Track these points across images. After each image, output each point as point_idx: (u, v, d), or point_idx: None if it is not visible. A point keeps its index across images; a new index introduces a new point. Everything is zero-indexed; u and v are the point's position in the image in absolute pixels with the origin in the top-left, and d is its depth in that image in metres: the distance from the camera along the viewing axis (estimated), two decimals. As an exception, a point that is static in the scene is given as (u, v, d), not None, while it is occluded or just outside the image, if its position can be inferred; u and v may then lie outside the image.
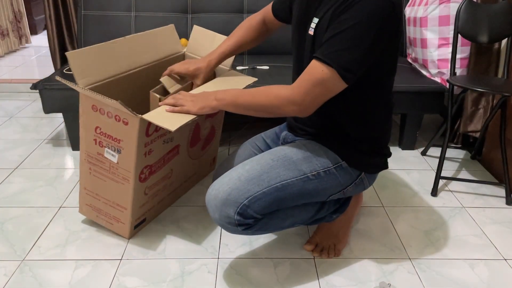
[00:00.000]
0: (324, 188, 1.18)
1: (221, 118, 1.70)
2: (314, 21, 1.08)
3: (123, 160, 1.25)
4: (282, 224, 1.20)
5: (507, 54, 1.80)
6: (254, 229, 1.12)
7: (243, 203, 1.07)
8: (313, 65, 1.01)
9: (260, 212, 1.10)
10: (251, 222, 1.10)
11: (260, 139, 1.41)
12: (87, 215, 1.44)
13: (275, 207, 1.13)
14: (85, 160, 1.34)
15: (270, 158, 1.15)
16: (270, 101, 1.07)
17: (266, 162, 1.14)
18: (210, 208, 1.10)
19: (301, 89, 1.02)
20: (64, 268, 1.26)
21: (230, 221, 1.08)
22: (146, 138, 1.24)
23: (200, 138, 1.58)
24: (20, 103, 2.59)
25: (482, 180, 1.81)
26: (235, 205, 1.07)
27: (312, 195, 1.17)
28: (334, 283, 1.23)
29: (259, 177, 1.10)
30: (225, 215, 1.08)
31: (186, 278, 1.23)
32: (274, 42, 2.27)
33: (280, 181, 1.11)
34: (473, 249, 1.39)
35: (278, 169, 1.12)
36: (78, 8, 2.28)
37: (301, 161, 1.15)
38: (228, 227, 1.10)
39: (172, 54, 1.63)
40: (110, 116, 1.22)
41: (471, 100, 1.96)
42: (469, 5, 1.83)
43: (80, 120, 1.30)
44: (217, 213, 1.09)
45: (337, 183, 1.19)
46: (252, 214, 1.09)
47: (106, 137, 1.26)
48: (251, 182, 1.09)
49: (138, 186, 1.30)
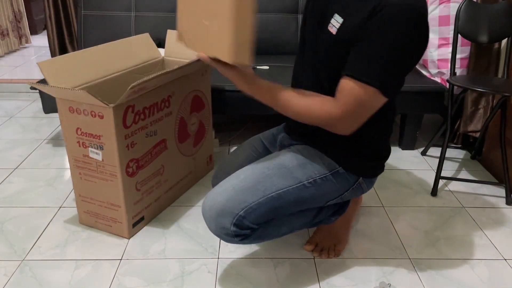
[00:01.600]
0: (321, 195, 1.16)
1: (209, 114, 1.72)
2: (336, 19, 1.00)
3: (107, 156, 1.27)
4: (280, 231, 1.20)
5: (507, 54, 1.80)
6: (251, 239, 1.11)
7: (239, 214, 1.06)
8: (356, 85, 0.95)
9: (256, 222, 1.09)
10: (248, 232, 1.09)
11: (258, 141, 1.41)
12: (87, 222, 1.45)
13: (271, 216, 1.12)
14: (74, 165, 1.36)
15: (265, 167, 1.13)
16: (317, 116, 1.01)
17: (260, 171, 1.11)
18: (206, 219, 1.09)
19: (348, 112, 0.97)
20: (64, 268, 1.26)
21: (226, 232, 1.07)
22: (125, 130, 1.26)
23: (188, 133, 1.60)
24: (20, 103, 2.59)
25: (482, 180, 1.81)
26: (231, 216, 1.06)
27: (309, 202, 1.16)
28: (334, 283, 1.23)
29: (254, 186, 1.08)
30: (221, 226, 1.07)
31: (186, 278, 1.23)
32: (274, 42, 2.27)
33: (276, 190, 1.09)
34: (473, 249, 1.39)
35: (273, 178, 1.10)
36: (78, 8, 2.28)
37: (296, 168, 1.12)
38: (225, 237, 1.09)
39: (149, 60, 1.65)
40: (87, 114, 1.24)
41: (471, 100, 1.96)
42: (469, 5, 1.83)
43: (62, 126, 1.32)
44: (213, 224, 1.08)
45: (334, 189, 1.17)
46: (248, 225, 1.07)
47: (87, 137, 1.28)
48: (246, 192, 1.07)
49: (128, 181, 1.32)
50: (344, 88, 0.97)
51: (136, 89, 1.20)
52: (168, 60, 1.70)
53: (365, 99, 0.96)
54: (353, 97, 0.96)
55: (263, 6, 2.27)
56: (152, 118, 1.38)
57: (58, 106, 1.29)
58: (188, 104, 1.57)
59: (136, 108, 1.29)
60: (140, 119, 1.32)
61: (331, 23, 1.02)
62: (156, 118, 1.40)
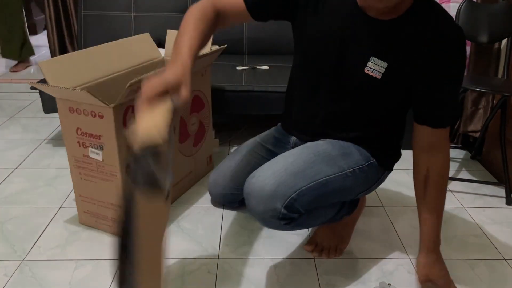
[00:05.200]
0: (357, 185, 1.19)
1: (209, 114, 1.72)
2: (376, 63, 1.04)
3: (107, 156, 1.27)
4: (315, 222, 1.22)
5: (507, 54, 1.81)
6: (293, 225, 1.12)
7: (291, 196, 1.06)
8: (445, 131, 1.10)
9: (305, 206, 1.09)
10: (296, 216, 1.09)
11: (257, 145, 1.40)
12: (87, 222, 1.45)
13: (317, 203, 1.13)
14: (74, 166, 1.36)
15: (311, 153, 1.14)
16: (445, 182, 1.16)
17: (308, 157, 1.13)
18: (254, 199, 1.08)
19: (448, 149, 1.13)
20: (64, 268, 1.26)
21: (274, 214, 1.07)
22: (125, 130, 1.26)
23: (189, 133, 1.60)
24: (20, 103, 2.59)
25: (482, 180, 1.81)
26: (283, 198, 1.06)
27: (347, 191, 1.18)
28: (334, 283, 1.23)
29: (304, 171, 1.09)
30: (271, 208, 1.06)
31: (186, 278, 1.23)
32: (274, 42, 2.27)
33: (324, 177, 1.11)
34: (473, 249, 1.39)
35: (321, 165, 1.12)
36: (78, 8, 2.28)
37: (339, 157, 1.15)
38: (270, 220, 1.08)
39: (150, 60, 1.65)
40: (87, 114, 1.24)
41: (471, 100, 1.96)
42: (469, 5, 1.83)
43: (62, 126, 1.32)
44: (262, 205, 1.07)
45: (366, 181, 1.21)
46: (298, 209, 1.08)
47: (87, 137, 1.28)
48: (297, 176, 1.08)
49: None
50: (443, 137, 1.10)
51: (135, 87, 1.20)
52: (168, 60, 1.69)
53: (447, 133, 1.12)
54: (446, 141, 1.12)
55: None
56: None
57: (58, 106, 1.29)
58: (188, 104, 1.57)
59: None
60: None
61: (368, 66, 1.05)
62: None
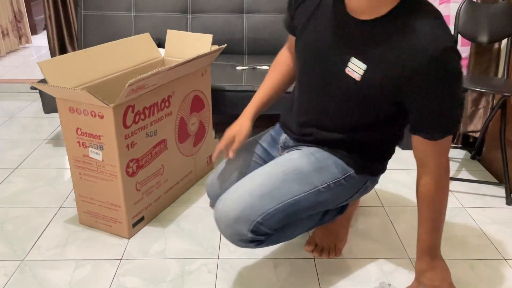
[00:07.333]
0: (335, 198, 1.17)
1: (209, 114, 1.72)
2: (355, 63, 1.00)
3: (107, 156, 1.27)
4: (292, 234, 1.21)
5: (507, 54, 1.80)
6: (266, 243, 1.12)
7: (256, 220, 1.05)
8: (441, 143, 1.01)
9: (273, 227, 1.09)
10: (263, 238, 1.09)
11: (257, 145, 1.39)
12: (87, 222, 1.45)
13: (287, 221, 1.12)
14: (74, 166, 1.36)
15: (281, 171, 1.12)
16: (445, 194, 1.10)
17: (277, 176, 1.11)
18: (221, 225, 1.08)
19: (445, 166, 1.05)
20: (64, 268, 1.26)
21: (242, 238, 1.07)
22: (125, 130, 1.26)
23: (188, 133, 1.60)
24: (20, 103, 2.59)
25: (482, 180, 1.81)
26: (248, 222, 1.05)
27: (323, 205, 1.17)
28: (334, 283, 1.23)
29: (271, 193, 1.08)
30: (237, 233, 1.06)
31: (186, 278, 1.23)
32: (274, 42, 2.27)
33: (293, 197, 1.09)
34: (473, 249, 1.39)
35: (290, 184, 1.10)
36: (78, 8, 2.28)
37: (312, 173, 1.12)
38: (240, 243, 1.09)
39: (150, 60, 1.65)
40: (87, 114, 1.24)
41: (471, 100, 1.96)
42: (469, 5, 1.83)
43: (62, 126, 1.32)
44: (229, 231, 1.07)
45: (346, 192, 1.18)
46: (265, 231, 1.07)
47: (87, 137, 1.28)
48: (263, 198, 1.07)
49: (128, 181, 1.32)
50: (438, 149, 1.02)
51: (135, 87, 1.20)
52: (168, 60, 1.70)
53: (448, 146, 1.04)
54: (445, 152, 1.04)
55: (264, 6, 2.28)
56: (152, 118, 1.38)
57: (58, 106, 1.29)
58: (188, 104, 1.57)
59: (136, 108, 1.29)
60: (140, 119, 1.33)
61: (349, 67, 1.02)
62: (156, 118, 1.40)
